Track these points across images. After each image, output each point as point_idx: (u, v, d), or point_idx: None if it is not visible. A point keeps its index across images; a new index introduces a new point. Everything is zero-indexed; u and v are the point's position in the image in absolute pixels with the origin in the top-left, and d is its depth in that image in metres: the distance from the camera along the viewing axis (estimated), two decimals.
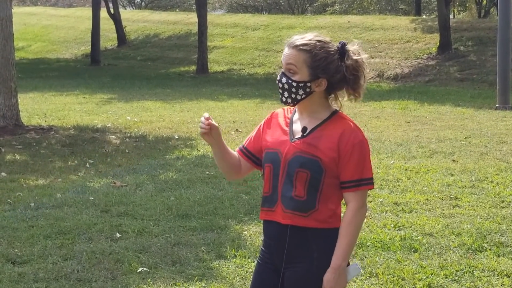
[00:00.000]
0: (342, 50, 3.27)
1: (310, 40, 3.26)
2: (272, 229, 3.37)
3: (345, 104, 3.39)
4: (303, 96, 3.28)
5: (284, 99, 3.33)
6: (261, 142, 3.45)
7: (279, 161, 3.31)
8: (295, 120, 3.38)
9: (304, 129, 3.30)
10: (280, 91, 3.32)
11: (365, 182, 3.26)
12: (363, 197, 3.28)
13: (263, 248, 3.47)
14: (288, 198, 3.28)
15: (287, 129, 3.36)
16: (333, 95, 3.35)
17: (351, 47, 3.30)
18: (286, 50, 3.29)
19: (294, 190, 3.26)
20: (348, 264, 3.31)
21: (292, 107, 3.42)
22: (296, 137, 3.31)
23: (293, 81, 3.27)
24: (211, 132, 3.32)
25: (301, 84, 3.26)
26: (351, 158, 3.23)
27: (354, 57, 3.27)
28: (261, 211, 3.43)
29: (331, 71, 3.26)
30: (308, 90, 3.27)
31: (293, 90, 3.28)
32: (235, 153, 3.51)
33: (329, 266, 3.24)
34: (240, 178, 3.61)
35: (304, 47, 3.25)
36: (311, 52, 3.24)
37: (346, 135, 3.24)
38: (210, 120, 3.31)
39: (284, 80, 3.29)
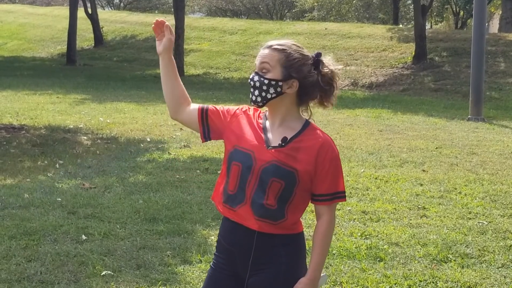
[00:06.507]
0: (317, 59, 3.29)
1: (286, 43, 3.29)
2: (236, 235, 3.31)
3: (319, 111, 3.38)
4: (273, 96, 3.26)
5: (254, 98, 3.29)
6: (222, 125, 3.38)
7: (251, 165, 3.25)
8: (268, 128, 3.33)
9: (284, 139, 3.25)
10: (251, 89, 3.29)
11: (339, 195, 3.28)
12: (334, 210, 3.31)
13: (218, 254, 3.42)
14: (259, 205, 3.23)
15: (261, 133, 3.31)
16: (304, 107, 3.34)
17: (325, 58, 3.32)
18: (261, 51, 3.30)
19: (266, 198, 3.22)
20: None
21: (261, 112, 3.39)
22: (272, 145, 3.27)
23: (265, 78, 3.25)
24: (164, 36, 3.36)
25: (273, 82, 3.24)
26: (328, 172, 3.23)
27: (330, 67, 3.29)
28: (223, 207, 3.35)
29: (303, 72, 3.25)
30: (279, 89, 3.25)
31: (264, 88, 3.25)
32: (186, 93, 3.44)
33: (304, 277, 3.24)
34: (178, 119, 3.47)
35: (280, 47, 3.27)
36: (286, 51, 3.26)
37: (324, 149, 3.23)
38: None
39: (256, 78, 3.27)
